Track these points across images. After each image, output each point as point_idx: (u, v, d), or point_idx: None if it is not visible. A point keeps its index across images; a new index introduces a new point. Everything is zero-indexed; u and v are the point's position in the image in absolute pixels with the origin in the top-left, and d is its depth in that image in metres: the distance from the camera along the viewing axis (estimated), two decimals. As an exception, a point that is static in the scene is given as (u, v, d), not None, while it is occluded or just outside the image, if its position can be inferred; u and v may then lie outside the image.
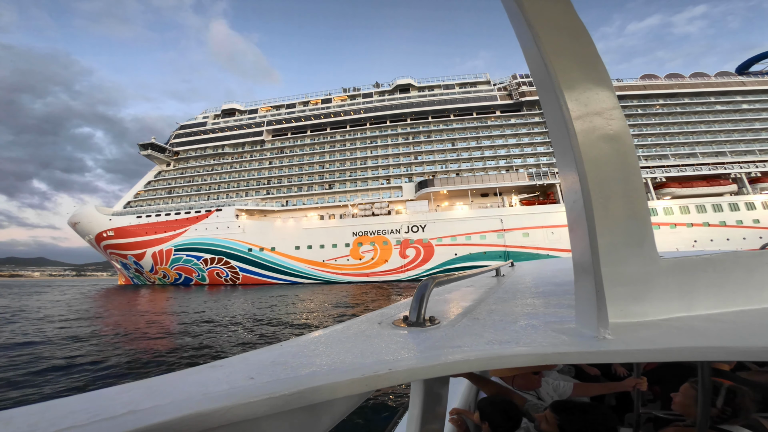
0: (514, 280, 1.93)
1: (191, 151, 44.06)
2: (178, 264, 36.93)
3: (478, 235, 32.01)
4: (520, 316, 0.82)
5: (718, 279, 0.72)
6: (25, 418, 0.32)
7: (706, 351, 0.53)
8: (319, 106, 44.10)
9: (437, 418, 0.87)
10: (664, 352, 0.54)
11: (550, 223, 31.23)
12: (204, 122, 45.79)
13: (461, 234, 32.18)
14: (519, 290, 1.40)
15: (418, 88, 44.18)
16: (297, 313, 11.68)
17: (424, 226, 32.80)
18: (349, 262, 33.24)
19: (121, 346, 6.78)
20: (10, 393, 4.33)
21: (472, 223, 32.24)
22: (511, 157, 37.49)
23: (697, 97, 40.77)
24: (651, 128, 38.50)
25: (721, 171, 33.31)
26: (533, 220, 31.53)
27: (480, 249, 31.74)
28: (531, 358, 0.54)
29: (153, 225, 37.77)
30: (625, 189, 0.65)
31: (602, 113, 0.66)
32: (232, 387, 0.40)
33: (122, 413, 0.32)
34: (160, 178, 43.50)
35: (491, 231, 31.85)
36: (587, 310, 0.65)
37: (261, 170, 41.36)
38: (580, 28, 0.68)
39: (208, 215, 36.70)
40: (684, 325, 0.61)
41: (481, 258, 31.59)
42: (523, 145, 38.09)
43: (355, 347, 0.59)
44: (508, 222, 31.73)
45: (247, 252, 34.90)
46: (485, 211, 32.52)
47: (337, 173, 39.56)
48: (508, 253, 31.26)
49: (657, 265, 0.67)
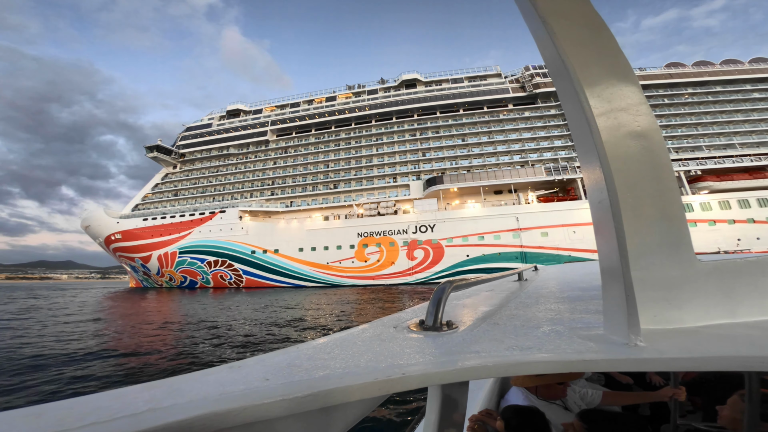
0: (538, 284, 1.82)
1: (196, 152, 43.89)
2: (183, 267, 36.39)
3: (491, 234, 29.80)
4: (544, 322, 0.78)
5: (765, 283, 0.65)
6: (54, 413, 0.33)
7: (752, 361, 0.50)
8: (323, 105, 43.16)
9: (455, 425, 0.81)
10: (705, 361, 0.50)
11: (572, 221, 28.70)
12: (209, 124, 45.68)
13: (473, 234, 30.06)
14: (543, 295, 1.33)
15: (424, 83, 42.58)
16: (283, 325, 10.13)
17: (433, 225, 30.88)
18: (354, 265, 31.66)
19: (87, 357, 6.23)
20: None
21: (485, 222, 30.09)
22: (527, 152, 35.17)
23: (731, 84, 37.41)
24: (681, 118, 35.42)
25: (765, 162, 29.92)
26: (552, 218, 29.09)
27: (494, 250, 29.51)
28: (554, 365, 0.52)
29: (159, 227, 37.48)
30: (657, 188, 0.61)
31: (628, 109, 0.63)
32: (248, 387, 0.41)
33: (143, 410, 0.34)
34: (167, 180, 43.47)
35: (506, 230, 29.59)
36: (616, 316, 0.62)
37: (265, 171, 40.59)
38: (597, 21, 0.66)
39: (212, 217, 36.06)
40: (727, 333, 0.57)
41: (496, 259, 29.35)
42: (539, 138, 35.71)
43: (370, 351, 0.59)
44: (525, 220, 29.41)
45: (250, 254, 33.92)
46: (499, 209, 30.31)
47: (342, 172, 38.26)
48: (525, 254, 28.90)
49: (695, 268, 0.62)
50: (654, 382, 1.90)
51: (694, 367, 0.51)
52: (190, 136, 45.05)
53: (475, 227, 30.16)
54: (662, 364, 0.53)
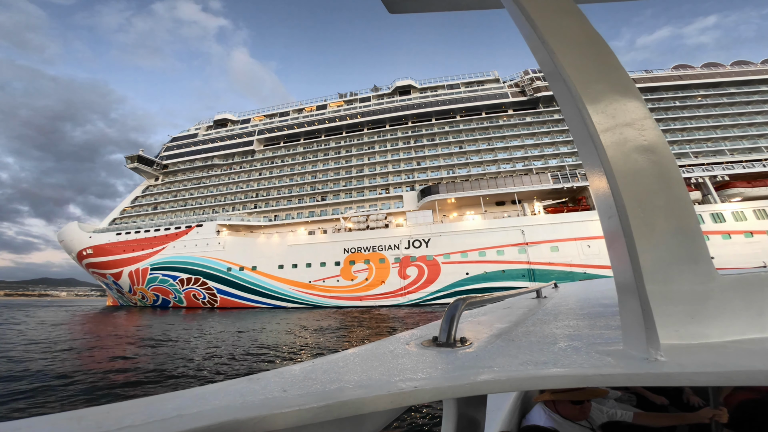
0: (557, 301, 1.80)
1: (180, 163, 41.76)
2: (154, 284, 33.13)
3: (494, 250, 26.33)
4: (561, 338, 0.78)
5: None
6: (94, 417, 0.36)
7: None
8: (313, 113, 41.30)
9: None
10: (732, 375, 0.48)
11: (585, 234, 25.26)
12: (195, 134, 43.92)
13: (473, 249, 26.62)
14: (562, 312, 1.31)
15: (419, 89, 40.73)
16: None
17: (428, 240, 27.56)
18: (339, 284, 28.14)
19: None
20: None
21: (486, 236, 26.72)
22: (530, 159, 32.30)
23: (746, 86, 34.92)
24: (697, 121, 32.64)
25: (801, 166, 26.62)
26: (563, 231, 25.68)
27: (498, 267, 25.93)
28: (569, 379, 0.52)
29: (131, 242, 34.62)
30: (668, 202, 0.61)
31: (633, 124, 0.63)
32: (267, 398, 0.43)
33: (171, 417, 0.36)
34: (148, 193, 41.12)
35: (511, 245, 26.13)
36: (634, 331, 0.61)
37: (250, 182, 38.09)
38: (596, 39, 0.67)
39: (188, 231, 33.18)
40: (756, 347, 0.55)
41: (500, 278, 25.70)
42: (543, 145, 32.97)
43: (383, 365, 0.60)
44: (532, 234, 26.00)
45: (226, 272, 30.64)
46: (502, 222, 27.02)
47: (331, 183, 35.57)
48: (533, 271, 25.25)
49: (716, 282, 0.61)
50: (692, 402, 1.74)
51: (720, 381, 0.50)
52: (174, 146, 43.18)
53: (475, 242, 26.77)
54: (684, 378, 0.50)
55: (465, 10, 1.10)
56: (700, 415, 1.40)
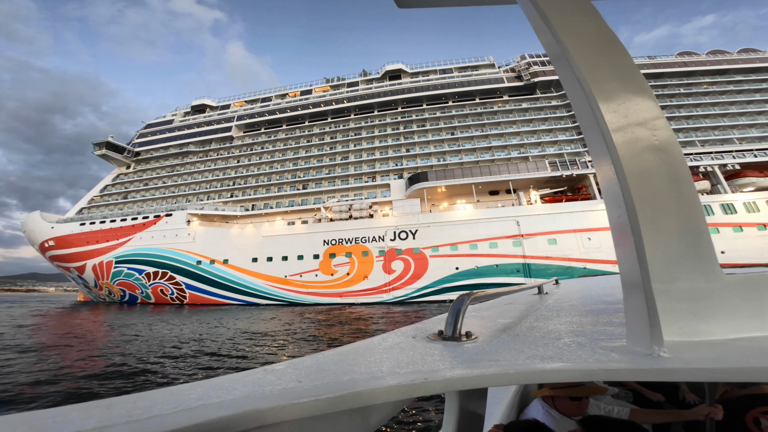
0: (559, 298, 1.82)
1: (153, 151, 38.96)
2: (120, 278, 30.45)
3: (486, 242, 24.11)
4: (565, 334, 0.79)
5: None
6: (123, 405, 0.37)
7: None
8: (297, 98, 38.73)
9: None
10: (733, 372, 0.50)
11: (586, 225, 23.14)
12: (171, 120, 41.12)
13: (464, 242, 24.37)
14: (564, 308, 1.31)
15: (410, 74, 38.36)
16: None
17: (416, 231, 25.26)
18: (317, 279, 25.74)
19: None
20: None
21: (478, 227, 24.49)
22: (526, 146, 30.13)
23: (754, 73, 33.16)
24: (703, 109, 30.73)
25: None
26: (561, 223, 23.53)
27: (490, 261, 23.72)
28: (575, 374, 0.53)
29: (95, 233, 31.85)
30: (677, 202, 0.61)
31: (645, 124, 0.63)
32: (284, 388, 0.45)
33: (196, 405, 0.38)
34: (118, 182, 38.29)
35: (505, 237, 23.93)
36: (639, 327, 0.62)
37: (226, 170, 35.47)
38: (611, 37, 0.66)
39: (157, 221, 30.52)
40: (757, 345, 0.56)
41: (493, 273, 23.50)
42: (540, 132, 30.81)
43: (391, 358, 0.61)
44: (528, 225, 23.82)
45: (196, 265, 28.07)
46: (496, 211, 24.81)
47: (313, 171, 33.09)
48: (528, 266, 23.08)
49: (721, 281, 0.62)
50: (688, 399, 1.74)
51: (722, 378, 0.51)
52: (148, 133, 40.36)
53: (466, 233, 24.52)
54: (687, 374, 0.52)
55: (477, 5, 1.05)
56: (695, 412, 1.45)
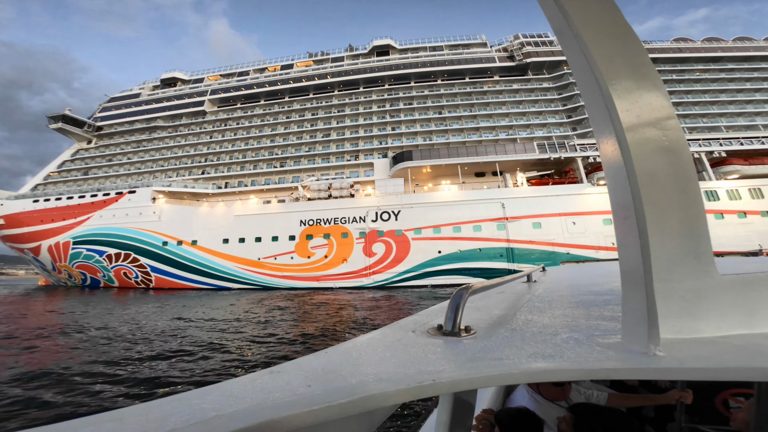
0: (548, 286, 1.86)
1: (117, 125, 35.83)
2: (78, 261, 28.12)
3: (470, 225, 23.16)
4: (561, 329, 0.81)
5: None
6: (134, 417, 0.36)
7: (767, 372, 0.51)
8: (277, 72, 36.18)
9: (465, 426, 0.88)
10: (723, 371, 0.52)
11: (571, 209, 22.48)
12: (138, 93, 37.81)
13: (447, 224, 23.35)
14: (555, 299, 1.35)
15: (399, 50, 36.31)
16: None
17: (398, 212, 24.04)
18: (293, 261, 24.32)
19: None
20: None
21: (462, 210, 23.47)
22: (515, 128, 29.05)
23: (747, 62, 32.86)
24: (693, 96, 30.28)
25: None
26: (547, 206, 22.78)
27: (473, 245, 22.84)
28: (577, 373, 0.54)
29: (49, 211, 29.14)
30: (682, 203, 0.62)
31: (657, 124, 0.62)
32: (294, 394, 0.43)
33: (211, 417, 0.36)
34: (78, 158, 35.17)
35: (489, 220, 23.03)
36: (636, 325, 0.63)
37: (198, 146, 32.99)
38: (629, 33, 0.65)
39: (119, 198, 28.11)
40: (745, 343, 0.58)
41: (476, 257, 22.66)
42: (529, 114, 29.72)
43: (395, 356, 0.61)
44: (513, 207, 22.96)
45: (161, 246, 26.09)
46: (481, 193, 23.81)
47: (292, 148, 31.12)
48: (512, 250, 22.34)
49: (715, 280, 0.63)
50: (660, 384, 1.88)
51: (713, 376, 0.52)
52: (112, 107, 37.02)
53: (450, 215, 23.48)
54: (682, 373, 0.54)
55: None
56: (667, 396, 1.54)
